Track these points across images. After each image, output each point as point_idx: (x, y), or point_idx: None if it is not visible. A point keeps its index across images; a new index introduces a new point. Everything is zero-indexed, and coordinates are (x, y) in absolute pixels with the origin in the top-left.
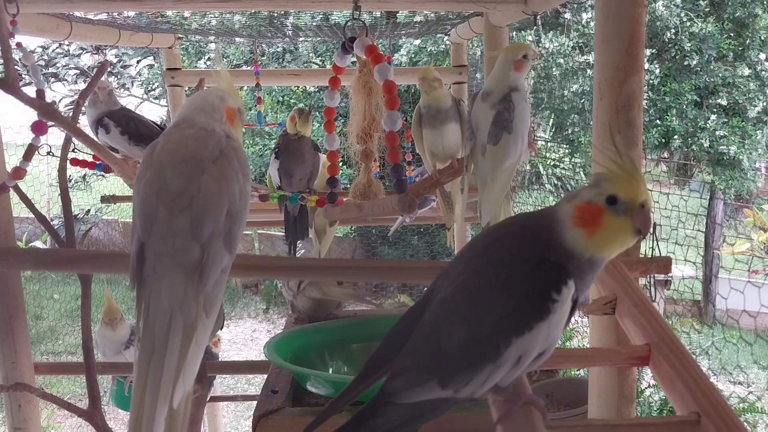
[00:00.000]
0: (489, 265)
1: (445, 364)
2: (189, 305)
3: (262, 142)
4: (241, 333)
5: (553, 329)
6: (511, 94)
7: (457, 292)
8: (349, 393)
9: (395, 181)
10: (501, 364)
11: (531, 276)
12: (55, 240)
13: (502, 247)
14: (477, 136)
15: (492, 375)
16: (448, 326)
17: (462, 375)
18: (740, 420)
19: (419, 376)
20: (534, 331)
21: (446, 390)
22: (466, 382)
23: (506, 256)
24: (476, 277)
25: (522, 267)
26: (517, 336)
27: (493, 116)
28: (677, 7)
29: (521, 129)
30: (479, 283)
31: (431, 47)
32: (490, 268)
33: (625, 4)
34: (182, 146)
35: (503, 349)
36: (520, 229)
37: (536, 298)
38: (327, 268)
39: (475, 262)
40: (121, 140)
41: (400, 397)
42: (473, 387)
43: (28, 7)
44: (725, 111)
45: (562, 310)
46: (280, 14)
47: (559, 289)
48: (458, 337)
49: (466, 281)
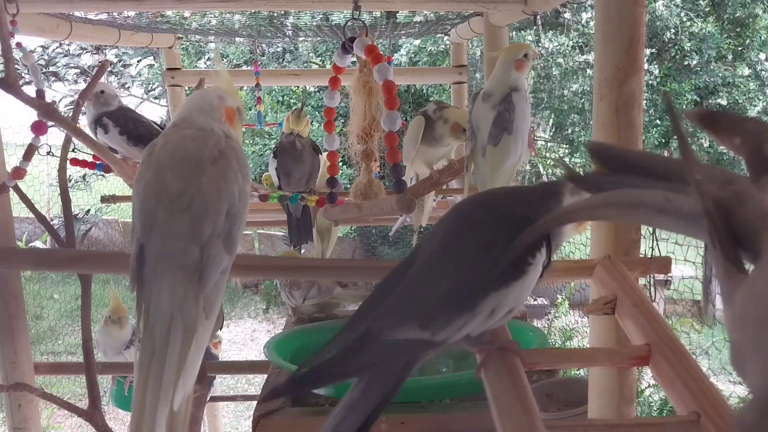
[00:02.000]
0: (475, 225)
1: (427, 308)
2: (189, 307)
3: (262, 142)
4: (241, 333)
5: (525, 289)
6: (512, 94)
7: (445, 248)
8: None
9: (394, 181)
10: (476, 314)
11: (512, 239)
12: (55, 240)
13: (489, 208)
14: (477, 137)
15: (467, 323)
16: (433, 277)
17: (441, 319)
18: None
19: (402, 318)
20: (509, 289)
21: (425, 331)
22: (443, 327)
23: (491, 216)
24: (462, 236)
25: (507, 230)
26: (494, 291)
27: (493, 117)
28: (677, 7)
29: (522, 130)
30: (465, 241)
31: (431, 47)
32: (476, 227)
33: (625, 4)
34: (181, 146)
35: (480, 301)
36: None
37: (517, 260)
38: (327, 268)
39: (463, 222)
40: (120, 140)
41: (383, 334)
42: (449, 332)
43: (28, 7)
44: (725, 111)
45: (534, 272)
46: (280, 14)
47: (534, 254)
48: (441, 286)
49: (453, 239)
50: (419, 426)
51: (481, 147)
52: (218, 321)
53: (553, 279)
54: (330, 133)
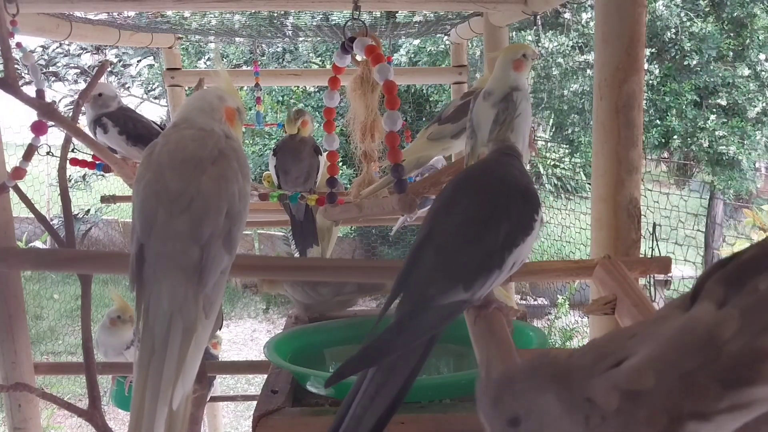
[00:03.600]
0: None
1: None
2: (189, 306)
3: (262, 142)
4: (241, 333)
5: (531, 242)
6: (513, 93)
7: (466, 217)
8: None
9: (395, 181)
10: (504, 269)
11: (522, 203)
12: (55, 240)
13: (495, 180)
14: (478, 135)
15: (497, 279)
16: (465, 244)
17: (480, 280)
18: None
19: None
20: (524, 244)
21: (468, 293)
22: (481, 286)
23: (501, 187)
24: (479, 204)
25: (515, 196)
26: (516, 247)
27: (494, 115)
28: (677, 7)
29: (523, 129)
30: (484, 208)
31: (431, 47)
32: (491, 197)
33: (625, 4)
34: (181, 147)
35: (507, 258)
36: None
37: (527, 219)
38: (327, 268)
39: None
40: (119, 140)
41: (435, 300)
42: (484, 289)
43: (28, 7)
44: (725, 111)
45: (538, 228)
46: (280, 14)
47: (538, 211)
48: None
49: (471, 207)
50: (419, 426)
51: (481, 145)
52: (217, 321)
53: (553, 279)
54: (330, 133)
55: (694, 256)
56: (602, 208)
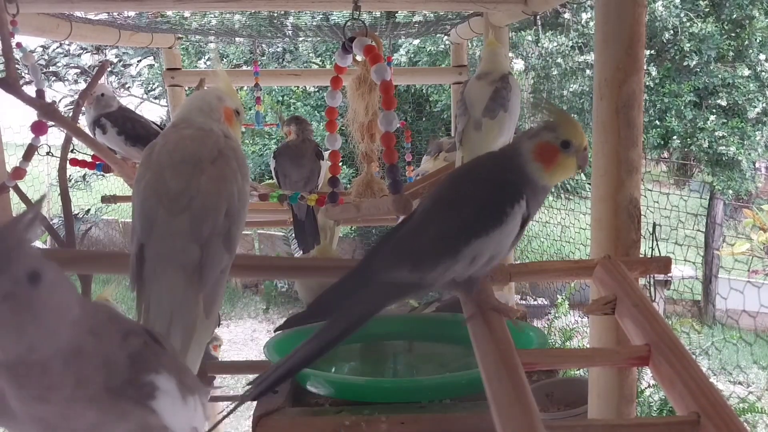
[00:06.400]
0: (463, 184)
1: (416, 254)
2: (189, 306)
3: (261, 142)
4: (241, 333)
5: (504, 238)
6: (508, 76)
7: (434, 203)
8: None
9: (390, 182)
10: (459, 260)
11: (493, 192)
12: (55, 240)
13: (476, 172)
14: (470, 113)
15: (451, 267)
16: (424, 227)
17: (427, 263)
18: (740, 420)
19: (395, 262)
20: (488, 237)
21: (414, 274)
22: (429, 270)
23: (477, 177)
24: (451, 193)
25: (487, 185)
26: (475, 238)
27: (491, 92)
28: (676, 8)
29: (515, 111)
30: (452, 197)
31: (431, 47)
32: (463, 186)
33: (625, 4)
34: (181, 147)
35: (462, 247)
36: (491, 160)
37: (494, 210)
38: (327, 268)
39: (453, 183)
40: (118, 141)
41: (378, 275)
42: (435, 275)
43: (28, 7)
44: (724, 111)
45: (513, 223)
46: (280, 14)
47: (513, 205)
48: (429, 234)
49: (444, 196)
50: (419, 426)
51: (474, 122)
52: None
53: (553, 279)
54: (332, 133)
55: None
56: (602, 208)
